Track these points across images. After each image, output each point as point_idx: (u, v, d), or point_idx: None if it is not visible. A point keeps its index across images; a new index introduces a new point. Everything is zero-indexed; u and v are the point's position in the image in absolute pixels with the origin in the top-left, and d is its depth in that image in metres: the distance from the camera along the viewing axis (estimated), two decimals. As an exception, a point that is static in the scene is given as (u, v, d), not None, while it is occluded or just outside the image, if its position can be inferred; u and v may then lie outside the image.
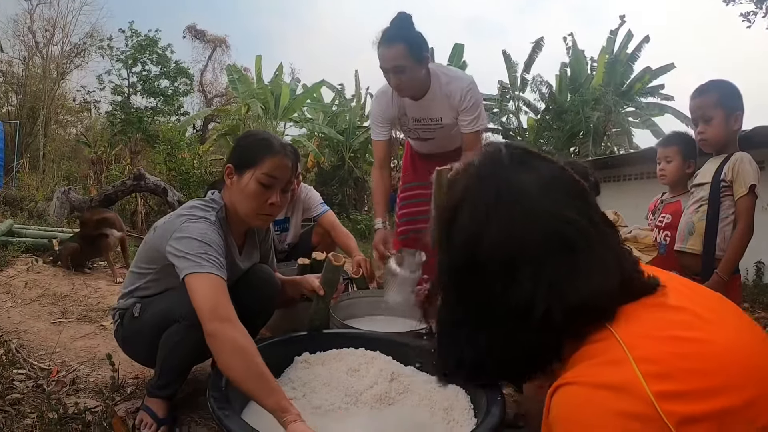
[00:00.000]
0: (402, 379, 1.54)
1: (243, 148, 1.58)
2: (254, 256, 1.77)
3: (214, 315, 1.25)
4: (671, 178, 2.29)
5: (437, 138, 2.56)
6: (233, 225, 1.62)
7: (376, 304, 2.38)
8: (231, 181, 1.56)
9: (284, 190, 1.58)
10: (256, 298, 1.68)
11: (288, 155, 1.57)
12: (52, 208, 6.13)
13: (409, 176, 2.81)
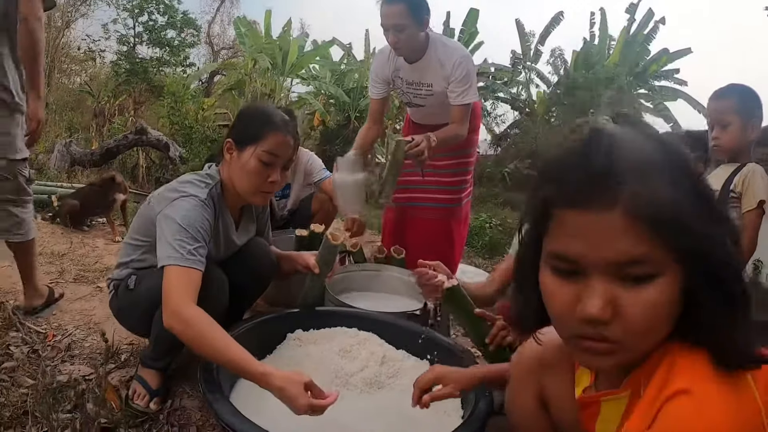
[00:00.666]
0: (392, 363, 1.55)
1: (244, 124, 1.55)
2: (251, 230, 1.76)
3: (174, 314, 1.25)
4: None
5: (428, 106, 2.56)
6: (230, 200, 1.59)
7: (372, 278, 2.39)
8: (231, 156, 1.53)
9: (285, 167, 1.56)
10: (252, 274, 1.68)
11: (290, 132, 1.54)
12: (52, 160, 6.06)
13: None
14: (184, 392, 1.62)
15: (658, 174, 0.60)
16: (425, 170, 2.29)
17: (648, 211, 0.59)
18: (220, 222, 1.56)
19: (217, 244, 1.57)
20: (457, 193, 2.74)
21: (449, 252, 2.85)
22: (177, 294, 1.28)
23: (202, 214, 1.40)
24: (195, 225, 1.37)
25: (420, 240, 2.74)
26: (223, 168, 1.57)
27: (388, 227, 2.86)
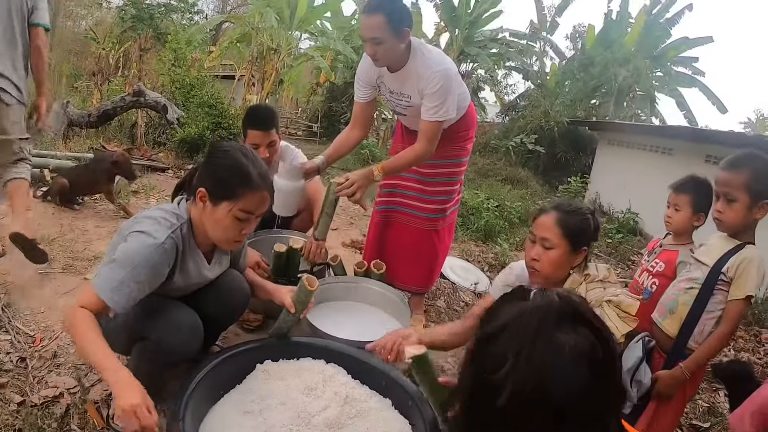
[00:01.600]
0: (355, 403, 1.64)
1: (219, 178, 1.52)
2: (224, 262, 1.79)
3: (70, 319, 1.36)
4: (676, 228, 2.16)
5: (409, 116, 2.52)
6: (200, 238, 1.60)
7: (350, 290, 2.48)
8: (203, 204, 1.53)
9: (259, 216, 1.58)
10: (225, 306, 1.75)
11: (267, 188, 1.54)
12: (48, 122, 6.03)
13: (397, 147, 2.76)
14: (161, 411, 1.72)
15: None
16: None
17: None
18: (190, 261, 1.59)
19: (188, 280, 1.62)
20: (442, 203, 2.71)
21: (432, 263, 2.89)
22: (79, 302, 1.38)
23: (152, 259, 1.41)
24: (141, 269, 1.40)
25: (401, 248, 2.78)
26: (194, 209, 1.57)
27: (372, 232, 2.89)
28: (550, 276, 1.68)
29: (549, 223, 1.63)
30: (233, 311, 1.83)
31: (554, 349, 0.76)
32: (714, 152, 5.98)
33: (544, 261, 1.64)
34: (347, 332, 2.12)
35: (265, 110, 2.67)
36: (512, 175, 9.54)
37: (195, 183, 1.56)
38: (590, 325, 0.79)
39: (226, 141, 5.45)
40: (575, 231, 1.62)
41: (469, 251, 4.71)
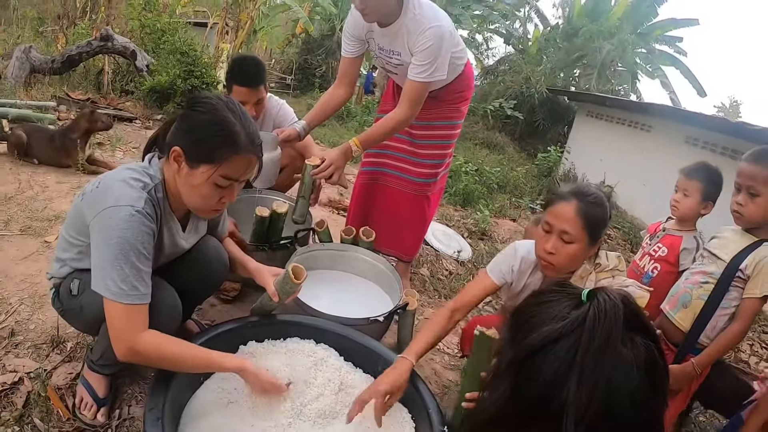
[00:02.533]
0: (349, 390, 1.49)
1: (199, 138, 1.25)
2: (201, 229, 1.57)
3: (128, 352, 1.21)
4: (682, 214, 2.10)
5: (400, 75, 2.31)
6: (175, 203, 1.37)
7: (337, 257, 2.30)
8: (179, 167, 1.28)
9: (243, 181, 1.35)
10: (201, 279, 1.55)
11: (255, 151, 1.31)
12: (10, 68, 5.40)
13: (387, 105, 2.58)
14: (133, 396, 1.55)
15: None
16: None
17: None
18: (165, 228, 1.37)
19: (161, 249, 1.40)
20: (434, 167, 2.55)
21: (420, 229, 2.75)
22: (125, 332, 1.19)
23: (140, 229, 1.20)
24: (135, 246, 1.19)
25: (389, 213, 2.62)
26: (167, 169, 1.33)
27: (357, 194, 2.69)
28: (564, 270, 1.55)
29: (569, 214, 1.46)
30: (210, 285, 1.63)
31: (622, 365, 0.67)
32: (694, 134, 5.99)
33: (561, 255, 1.49)
34: (337, 307, 1.95)
35: (253, 64, 2.38)
36: (489, 139, 9.46)
37: (169, 139, 1.31)
38: (649, 333, 0.72)
39: (207, 92, 5.09)
40: (597, 223, 1.47)
41: (449, 216, 4.62)
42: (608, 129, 8.17)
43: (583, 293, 0.72)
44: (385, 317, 1.87)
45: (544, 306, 0.75)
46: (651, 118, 7.03)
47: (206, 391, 1.40)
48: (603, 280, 1.58)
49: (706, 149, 5.77)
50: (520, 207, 5.65)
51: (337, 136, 7.35)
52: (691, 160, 2.14)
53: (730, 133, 5.37)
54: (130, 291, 1.18)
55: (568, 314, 0.70)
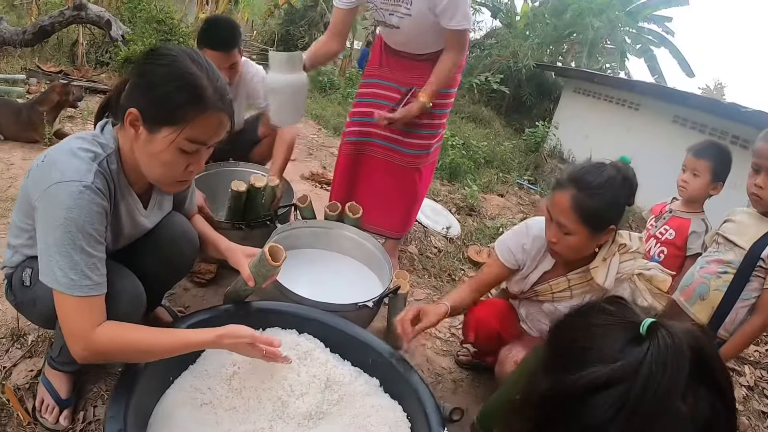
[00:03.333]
0: (337, 387, 1.33)
1: (158, 95, 1.05)
2: (165, 205, 1.37)
3: (84, 351, 1.04)
4: (691, 195, 1.99)
5: (403, 29, 2.12)
6: (133, 176, 1.18)
7: (320, 235, 2.12)
8: (136, 132, 1.08)
9: (212, 146, 1.15)
10: (167, 263, 1.36)
11: (225, 105, 1.10)
12: None
13: (373, 71, 2.38)
14: (99, 395, 1.38)
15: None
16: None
17: None
18: (122, 205, 1.18)
19: (119, 230, 1.21)
20: (428, 138, 2.37)
21: (412, 205, 2.58)
22: (79, 329, 1.02)
23: (90, 208, 1.01)
24: (84, 228, 1.00)
25: (378, 187, 2.43)
26: (123, 135, 1.13)
27: (341, 166, 2.47)
28: (571, 258, 1.50)
29: (564, 204, 1.37)
30: (178, 268, 1.44)
31: (677, 426, 0.56)
32: (683, 114, 5.91)
33: (562, 245, 1.44)
34: (321, 291, 1.79)
35: (226, 26, 2.14)
36: (475, 113, 9.27)
37: (124, 101, 1.10)
38: (719, 385, 0.58)
39: (167, 43, 4.78)
40: (597, 213, 1.36)
41: (436, 190, 4.48)
42: (595, 106, 8.06)
43: (643, 325, 0.58)
44: (375, 302, 1.71)
45: (594, 333, 0.61)
46: (639, 97, 6.96)
47: (177, 391, 1.23)
48: (625, 261, 1.49)
49: (695, 130, 5.70)
50: (507, 182, 5.52)
51: (320, 108, 7.06)
52: (678, 140, 2.03)
53: (720, 115, 5.30)
54: (82, 281, 1.01)
55: (621, 352, 0.57)
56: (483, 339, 1.71)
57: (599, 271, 1.46)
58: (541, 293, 1.62)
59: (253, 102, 2.42)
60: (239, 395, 1.23)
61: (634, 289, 1.47)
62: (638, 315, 0.60)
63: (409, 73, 2.28)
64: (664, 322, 0.57)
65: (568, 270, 1.56)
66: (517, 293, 1.73)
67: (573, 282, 1.54)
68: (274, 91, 1.92)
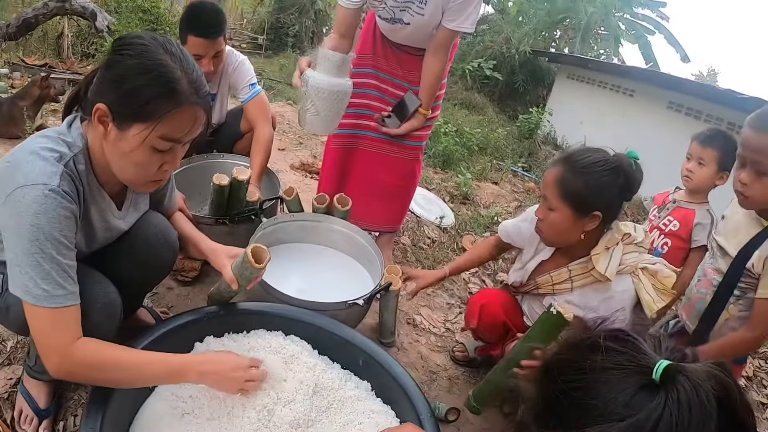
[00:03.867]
0: (325, 393, 1.26)
1: (129, 89, 0.95)
2: (142, 205, 1.29)
3: (59, 367, 0.96)
4: (697, 185, 1.92)
5: (412, 27, 2.03)
6: (104, 174, 1.09)
7: (308, 229, 2.04)
8: (105, 130, 0.99)
9: (188, 143, 1.06)
10: (144, 267, 1.27)
11: (201, 99, 1.01)
12: None
13: (367, 60, 2.25)
14: (79, 404, 1.32)
15: None
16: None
17: None
18: (93, 208, 1.09)
19: (92, 235, 1.12)
20: (425, 129, 2.31)
21: (408, 198, 2.53)
22: (55, 343, 0.95)
23: (56, 213, 0.93)
24: (52, 235, 0.92)
25: (372, 182, 2.35)
26: (92, 133, 1.04)
27: (331, 158, 2.38)
28: (554, 240, 1.49)
29: (549, 179, 1.41)
30: (157, 271, 1.35)
31: None
32: (677, 99, 5.85)
33: (545, 222, 1.44)
34: (310, 288, 1.72)
35: (211, 11, 2.01)
36: (468, 100, 9.17)
37: (91, 95, 1.01)
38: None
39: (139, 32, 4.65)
40: (580, 194, 1.35)
41: (428, 179, 4.41)
42: (589, 92, 7.99)
43: (657, 369, 0.48)
44: (366, 300, 1.63)
45: (595, 379, 0.51)
46: (634, 83, 6.90)
47: (157, 400, 1.16)
48: (629, 253, 1.45)
49: (690, 116, 5.65)
50: (501, 170, 5.45)
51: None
52: (673, 126, 1.97)
53: (715, 101, 5.25)
54: (55, 291, 0.93)
55: (630, 406, 0.47)
56: (486, 326, 1.68)
57: (600, 258, 1.42)
58: (541, 285, 1.58)
59: (236, 94, 2.31)
60: (222, 404, 1.15)
61: (638, 283, 1.42)
62: (649, 355, 0.50)
63: (404, 66, 2.21)
64: (682, 366, 0.47)
65: (569, 261, 1.51)
66: (517, 286, 1.69)
67: (574, 273, 1.49)
68: (319, 94, 1.77)
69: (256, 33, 13.46)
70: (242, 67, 2.24)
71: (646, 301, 1.39)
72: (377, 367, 1.33)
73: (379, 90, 2.24)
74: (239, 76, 2.23)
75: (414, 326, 2.15)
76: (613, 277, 1.40)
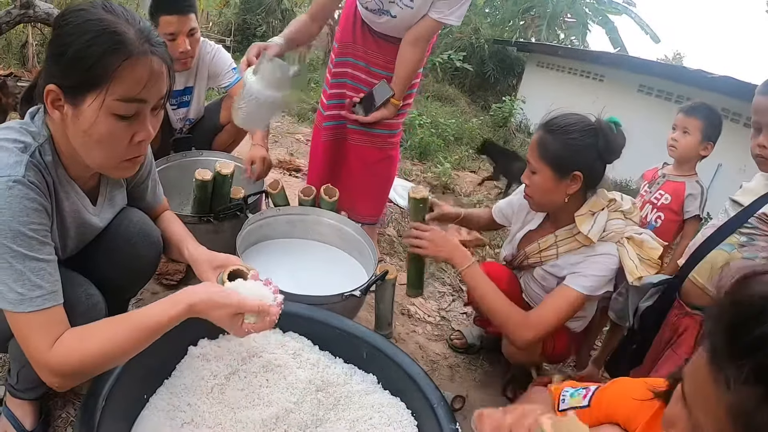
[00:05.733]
0: (331, 389, 1.20)
1: (72, 58, 0.85)
2: (118, 200, 1.19)
3: (47, 372, 0.86)
4: (681, 154, 1.97)
5: (399, 19, 1.97)
6: (74, 167, 0.99)
7: (295, 223, 1.97)
8: (61, 114, 0.89)
9: (156, 107, 0.95)
10: (125, 266, 1.18)
11: (155, 47, 0.89)
12: None
13: (347, 49, 2.18)
14: (68, 422, 1.23)
15: None
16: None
17: None
18: (65, 203, 0.99)
19: (65, 235, 1.02)
20: (399, 117, 2.25)
21: (387, 187, 2.47)
22: (44, 350, 0.84)
23: (23, 206, 0.84)
24: (20, 231, 0.82)
25: (356, 174, 2.30)
26: (53, 124, 0.94)
27: (318, 152, 2.32)
28: (541, 204, 1.54)
29: (532, 144, 1.47)
30: (140, 273, 1.26)
31: None
32: (648, 83, 5.94)
33: (530, 186, 1.50)
34: (302, 283, 1.64)
35: None
36: (440, 92, 9.17)
37: (40, 84, 0.91)
38: None
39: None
40: (558, 153, 1.40)
41: (407, 170, 4.39)
42: (560, 79, 8.08)
43: None
44: (362, 290, 1.58)
45: None
46: (603, 68, 7.00)
47: (153, 411, 1.08)
48: (614, 219, 1.49)
49: (661, 98, 5.75)
50: (479, 159, 5.45)
51: (295, 90, 6.79)
52: (644, 109, 2.03)
53: (685, 82, 5.34)
54: (31, 293, 0.83)
55: None
56: None
57: (585, 220, 1.46)
58: (530, 254, 1.62)
59: (218, 82, 2.23)
60: (223, 410, 1.08)
61: (621, 249, 1.45)
62: None
63: (383, 54, 2.13)
64: None
65: (555, 229, 1.56)
66: (509, 259, 1.73)
67: (560, 237, 1.54)
68: (254, 99, 1.71)
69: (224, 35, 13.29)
70: (220, 54, 2.21)
71: (629, 268, 1.43)
72: (382, 357, 1.27)
73: (355, 79, 2.19)
74: (219, 63, 2.19)
75: (409, 316, 2.10)
76: (596, 238, 1.45)
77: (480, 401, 1.70)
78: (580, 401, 0.91)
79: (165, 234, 1.28)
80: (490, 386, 1.79)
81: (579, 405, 0.90)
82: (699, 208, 1.92)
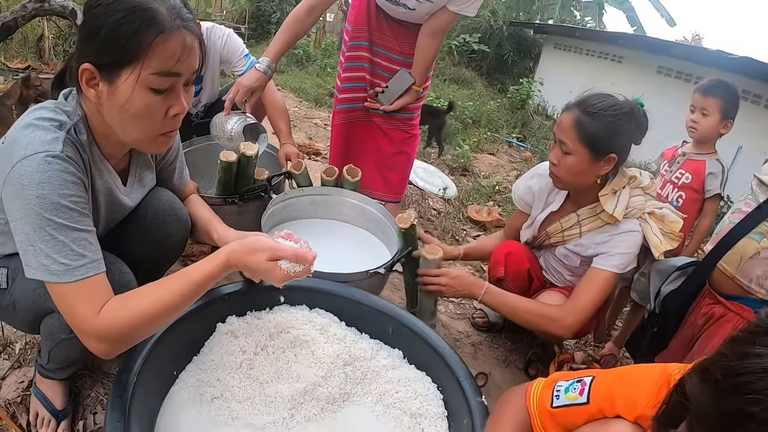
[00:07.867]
0: (358, 364, 1.21)
1: (106, 37, 0.87)
2: (147, 181, 1.21)
3: (93, 340, 0.86)
4: (702, 134, 1.94)
5: (418, 11, 1.96)
6: (106, 147, 1.01)
7: (319, 204, 1.98)
8: (96, 92, 0.91)
9: (189, 82, 0.96)
10: (154, 245, 1.21)
11: (185, 23, 0.91)
12: None
13: (362, 33, 2.16)
14: (98, 401, 1.25)
15: None
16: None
17: None
18: (99, 181, 1.01)
19: (96, 212, 1.04)
20: (417, 101, 2.26)
21: (409, 167, 2.48)
22: (91, 318, 0.85)
23: (62, 179, 0.85)
24: (60, 202, 0.84)
25: (375, 153, 2.31)
26: (88, 104, 0.96)
27: (337, 135, 2.33)
28: (570, 183, 1.51)
29: (566, 123, 1.42)
30: (170, 250, 1.28)
31: None
32: (667, 64, 5.80)
33: (561, 167, 1.46)
34: (327, 262, 1.65)
35: None
36: (457, 75, 9.08)
37: (74, 64, 0.93)
38: None
39: None
40: (597, 136, 1.38)
41: (426, 153, 4.36)
42: (577, 61, 7.94)
43: None
44: (387, 268, 1.58)
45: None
46: (622, 49, 6.85)
47: (183, 387, 1.10)
48: (635, 196, 1.49)
49: (680, 79, 5.62)
50: (497, 141, 5.41)
51: (299, 81, 6.79)
52: (663, 90, 1.99)
53: (705, 63, 5.22)
54: (75, 262, 0.85)
55: None
56: (512, 274, 1.69)
57: (609, 200, 1.46)
58: (552, 234, 1.63)
59: (231, 67, 2.23)
60: (252, 384, 1.11)
61: (645, 225, 1.45)
62: None
63: (401, 40, 2.12)
64: None
65: (577, 208, 1.55)
66: (530, 241, 1.73)
67: (582, 217, 1.54)
68: (214, 133, 1.99)
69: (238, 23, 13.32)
70: (231, 39, 2.15)
71: (654, 242, 1.43)
72: (407, 332, 1.28)
73: (373, 64, 2.18)
74: (231, 49, 2.15)
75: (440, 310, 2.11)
76: (621, 217, 1.44)
77: (502, 379, 1.71)
78: (577, 397, 0.85)
79: (192, 216, 1.30)
80: (512, 364, 1.80)
81: (577, 402, 0.85)
82: (720, 187, 1.90)
